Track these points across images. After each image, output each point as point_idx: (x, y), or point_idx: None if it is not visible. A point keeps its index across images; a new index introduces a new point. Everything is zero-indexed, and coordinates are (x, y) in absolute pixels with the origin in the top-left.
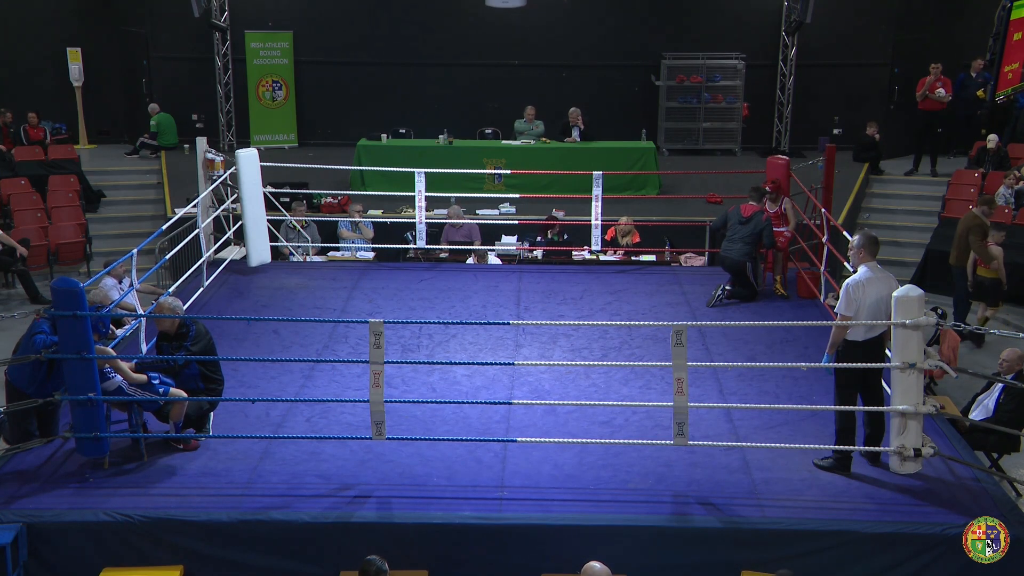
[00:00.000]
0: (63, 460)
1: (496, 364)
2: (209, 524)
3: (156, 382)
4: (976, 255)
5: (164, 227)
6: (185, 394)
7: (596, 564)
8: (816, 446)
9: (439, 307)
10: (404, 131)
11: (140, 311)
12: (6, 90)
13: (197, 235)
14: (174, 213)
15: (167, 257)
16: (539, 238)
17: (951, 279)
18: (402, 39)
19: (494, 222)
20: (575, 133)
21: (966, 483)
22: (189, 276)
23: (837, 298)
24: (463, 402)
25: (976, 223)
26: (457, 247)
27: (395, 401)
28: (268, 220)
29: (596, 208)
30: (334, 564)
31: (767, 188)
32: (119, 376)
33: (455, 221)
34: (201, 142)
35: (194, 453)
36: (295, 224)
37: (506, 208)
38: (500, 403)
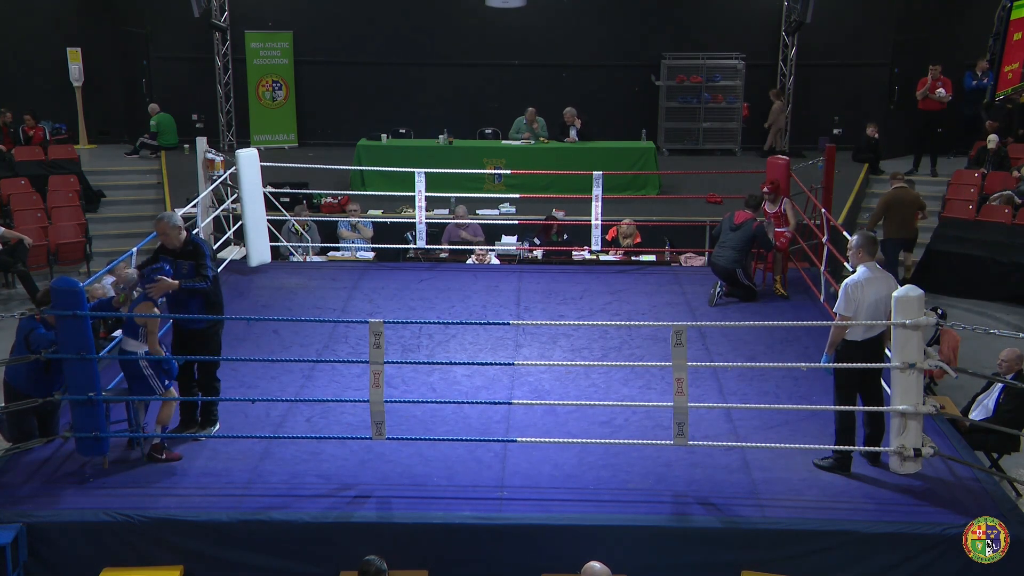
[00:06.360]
0: (63, 460)
1: (496, 364)
2: (209, 524)
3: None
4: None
5: None
6: (177, 394)
7: (596, 564)
8: (816, 446)
9: (439, 307)
10: (404, 131)
11: None
12: (6, 90)
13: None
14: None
15: None
16: (536, 239)
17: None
18: (402, 39)
19: (494, 222)
20: (572, 133)
21: (966, 483)
22: None
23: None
24: (463, 402)
25: (920, 200)
26: (459, 247)
27: (395, 401)
28: (269, 221)
29: (596, 208)
30: (334, 564)
31: (764, 190)
32: (142, 348)
33: (461, 221)
34: (201, 142)
35: (194, 453)
36: (297, 228)
37: (506, 208)
38: (500, 403)
